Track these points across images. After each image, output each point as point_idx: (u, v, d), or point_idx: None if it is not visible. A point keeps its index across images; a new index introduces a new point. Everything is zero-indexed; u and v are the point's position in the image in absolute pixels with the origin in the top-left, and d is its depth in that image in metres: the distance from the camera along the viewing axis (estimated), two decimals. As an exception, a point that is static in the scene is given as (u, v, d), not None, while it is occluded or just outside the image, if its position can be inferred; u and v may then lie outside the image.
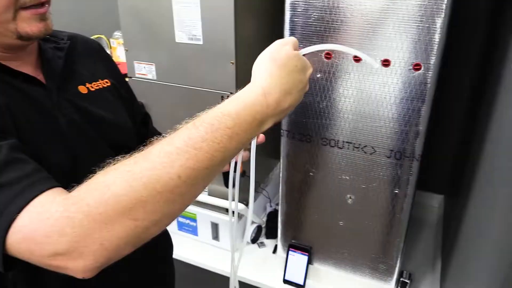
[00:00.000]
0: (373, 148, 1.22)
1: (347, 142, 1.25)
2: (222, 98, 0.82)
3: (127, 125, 0.90)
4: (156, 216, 0.53)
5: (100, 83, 0.87)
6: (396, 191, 1.24)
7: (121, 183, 0.51)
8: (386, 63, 1.10)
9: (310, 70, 0.70)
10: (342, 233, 1.39)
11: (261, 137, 0.83)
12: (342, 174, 1.30)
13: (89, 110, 0.80)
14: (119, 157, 0.58)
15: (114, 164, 0.56)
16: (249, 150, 0.80)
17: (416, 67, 1.07)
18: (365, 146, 1.23)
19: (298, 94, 0.66)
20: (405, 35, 1.05)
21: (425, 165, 1.18)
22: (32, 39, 0.69)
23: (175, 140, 0.55)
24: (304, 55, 0.70)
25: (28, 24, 0.67)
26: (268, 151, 1.80)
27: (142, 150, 0.57)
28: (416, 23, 1.03)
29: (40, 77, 0.75)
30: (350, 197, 1.32)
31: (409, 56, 1.07)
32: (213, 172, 0.56)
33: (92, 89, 0.84)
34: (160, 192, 0.52)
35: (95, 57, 0.91)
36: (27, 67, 0.74)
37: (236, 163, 0.80)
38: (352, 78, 1.16)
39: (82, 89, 0.82)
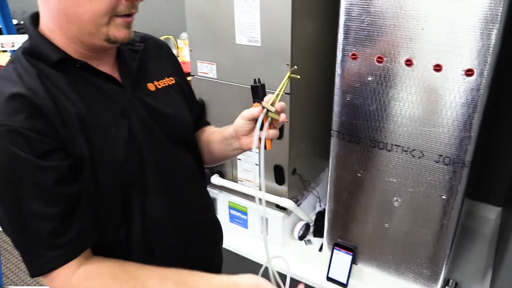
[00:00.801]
0: (421, 152, 1.23)
1: (395, 145, 1.27)
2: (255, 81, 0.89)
3: (188, 121, 0.99)
4: None
5: (166, 81, 0.96)
6: (444, 197, 1.24)
7: None
8: (437, 68, 1.11)
9: None
10: (387, 235, 1.40)
11: (273, 133, 0.88)
12: (389, 176, 1.32)
13: (156, 107, 0.89)
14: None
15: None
16: (276, 128, 0.87)
17: (469, 72, 1.07)
18: (413, 150, 1.24)
19: None
20: (458, 41, 1.06)
21: (483, 176, 1.17)
22: (117, 43, 0.79)
23: None
24: None
25: (117, 30, 0.76)
26: (319, 151, 1.84)
27: None
28: (470, 28, 1.04)
29: (116, 75, 0.85)
30: (397, 200, 1.34)
31: (461, 61, 1.07)
32: None
33: (159, 87, 0.93)
34: None
35: (163, 56, 1.00)
36: (106, 66, 0.84)
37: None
38: (403, 82, 1.18)
39: (151, 86, 0.91)
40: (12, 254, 2.61)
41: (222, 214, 1.89)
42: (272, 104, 0.85)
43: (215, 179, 1.81)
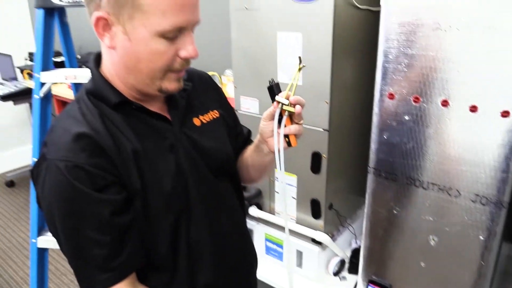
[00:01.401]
0: (458, 191, 1.24)
1: (432, 183, 1.28)
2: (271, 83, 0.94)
3: (228, 153, 1.06)
4: None
5: (210, 114, 1.03)
6: (481, 238, 1.23)
7: None
8: (473, 109, 1.14)
9: None
10: (423, 274, 1.39)
11: (295, 128, 0.92)
12: (426, 214, 1.33)
13: (200, 142, 0.96)
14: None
15: None
16: (298, 124, 0.92)
17: (505, 114, 1.09)
18: (450, 189, 1.25)
19: None
20: (494, 82, 1.09)
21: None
22: (168, 93, 0.88)
23: None
24: None
25: (170, 83, 0.84)
26: (356, 188, 1.86)
27: None
28: (505, 71, 1.07)
29: (166, 113, 0.94)
30: (433, 239, 1.33)
31: (498, 102, 1.10)
32: None
33: (204, 121, 1.01)
34: None
35: (208, 90, 1.09)
36: (157, 105, 0.93)
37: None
38: (439, 122, 1.21)
39: (196, 121, 0.99)
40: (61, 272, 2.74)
41: (259, 246, 1.92)
42: (287, 98, 0.88)
43: (253, 210, 1.86)
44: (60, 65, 2.16)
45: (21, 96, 3.11)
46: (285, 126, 0.92)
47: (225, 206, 1.04)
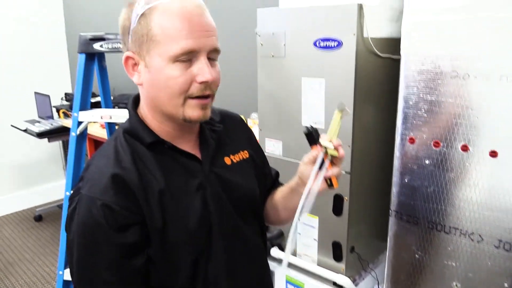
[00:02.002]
0: (480, 236, 1.24)
1: (454, 227, 1.29)
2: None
3: (255, 192, 1.07)
4: None
5: (241, 154, 1.05)
6: (506, 285, 1.21)
7: None
8: (493, 154, 1.16)
9: None
10: (447, 322, 1.36)
11: (336, 170, 0.92)
12: (448, 259, 1.32)
13: (229, 181, 0.99)
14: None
15: None
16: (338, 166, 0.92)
17: (525, 160, 1.11)
18: (472, 234, 1.25)
19: None
20: (513, 130, 1.12)
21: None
22: (192, 122, 0.90)
23: None
24: None
25: (192, 111, 0.86)
26: (378, 233, 1.86)
27: None
28: (524, 119, 1.10)
29: (197, 152, 0.97)
30: (457, 285, 1.32)
31: (517, 149, 1.12)
32: None
33: (234, 161, 1.03)
34: None
35: (239, 130, 1.12)
36: (189, 144, 0.97)
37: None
38: (459, 166, 1.24)
39: (227, 160, 1.02)
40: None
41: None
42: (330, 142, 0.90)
43: (275, 251, 1.87)
44: (94, 105, 2.29)
45: (56, 133, 3.27)
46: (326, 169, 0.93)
47: (248, 245, 1.05)
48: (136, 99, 0.97)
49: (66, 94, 3.80)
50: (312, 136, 0.93)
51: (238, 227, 1.00)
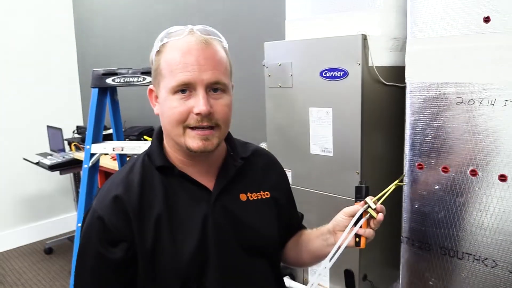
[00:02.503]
0: (494, 261, 1.23)
1: (466, 253, 1.28)
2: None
3: (269, 235, 1.05)
4: None
5: (260, 194, 1.05)
6: (523, 311, 1.20)
7: None
8: (502, 178, 1.17)
9: None
10: None
11: (369, 232, 0.96)
12: (462, 285, 1.31)
13: (238, 216, 0.99)
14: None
15: None
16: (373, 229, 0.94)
17: (534, 184, 1.12)
18: (485, 259, 1.24)
19: None
20: (520, 154, 1.13)
21: None
22: (194, 152, 0.92)
23: None
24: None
25: (191, 141, 0.90)
26: (391, 260, 1.84)
27: None
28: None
29: (211, 182, 0.98)
30: (472, 312, 1.30)
31: (526, 173, 1.13)
32: None
33: (251, 199, 1.03)
34: None
35: (269, 172, 1.11)
36: (204, 173, 0.98)
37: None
38: (469, 191, 1.24)
39: (243, 197, 1.02)
40: None
41: (291, 318, 1.89)
42: (374, 203, 0.93)
43: (286, 281, 1.85)
44: (105, 137, 2.34)
45: (67, 166, 3.32)
46: (361, 227, 0.96)
47: (252, 281, 1.02)
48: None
49: (77, 127, 3.87)
50: (361, 191, 0.97)
51: (242, 262, 1.00)
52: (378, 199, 0.95)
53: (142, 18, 3.36)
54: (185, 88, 0.88)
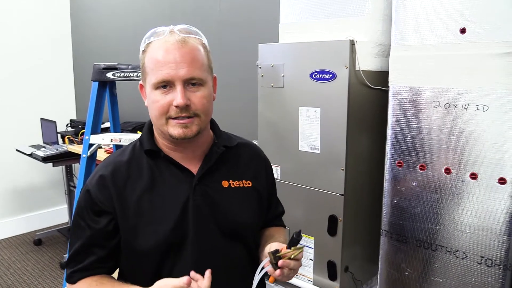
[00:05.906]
0: (464, 253, 1.33)
1: (439, 245, 1.39)
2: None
3: (247, 222, 1.12)
4: None
5: (242, 183, 1.13)
6: (489, 299, 1.30)
7: None
8: (473, 176, 1.28)
9: None
10: (435, 337, 1.44)
11: (277, 273, 0.97)
12: (435, 276, 1.41)
13: (217, 201, 1.07)
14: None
15: None
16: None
17: (501, 181, 1.23)
18: (456, 251, 1.35)
19: None
20: (493, 151, 1.24)
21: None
22: (176, 139, 1.01)
23: None
24: None
25: (173, 129, 1.01)
26: (371, 254, 1.94)
27: None
28: (503, 140, 1.22)
29: (195, 169, 1.07)
30: (443, 301, 1.40)
31: (495, 171, 1.24)
32: None
33: (232, 186, 1.11)
34: None
35: (251, 161, 1.19)
36: (189, 159, 1.08)
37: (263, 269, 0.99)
38: (441, 187, 1.35)
39: (224, 183, 1.11)
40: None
41: (276, 307, 1.98)
42: (281, 257, 0.95)
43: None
44: (102, 130, 2.41)
45: (60, 158, 3.38)
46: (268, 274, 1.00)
47: (230, 266, 1.09)
48: None
49: (71, 120, 3.93)
50: (292, 240, 0.98)
51: (218, 245, 1.07)
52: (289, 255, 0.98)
53: (138, 13, 3.43)
54: (165, 84, 0.99)
